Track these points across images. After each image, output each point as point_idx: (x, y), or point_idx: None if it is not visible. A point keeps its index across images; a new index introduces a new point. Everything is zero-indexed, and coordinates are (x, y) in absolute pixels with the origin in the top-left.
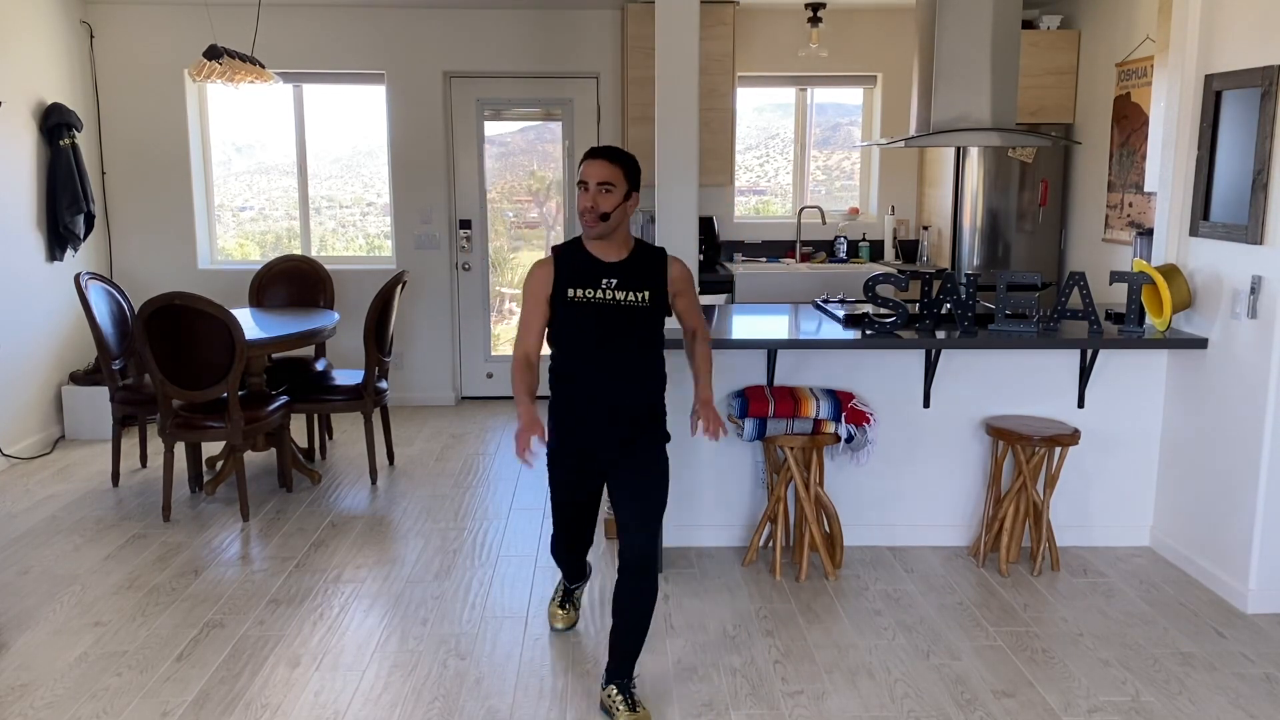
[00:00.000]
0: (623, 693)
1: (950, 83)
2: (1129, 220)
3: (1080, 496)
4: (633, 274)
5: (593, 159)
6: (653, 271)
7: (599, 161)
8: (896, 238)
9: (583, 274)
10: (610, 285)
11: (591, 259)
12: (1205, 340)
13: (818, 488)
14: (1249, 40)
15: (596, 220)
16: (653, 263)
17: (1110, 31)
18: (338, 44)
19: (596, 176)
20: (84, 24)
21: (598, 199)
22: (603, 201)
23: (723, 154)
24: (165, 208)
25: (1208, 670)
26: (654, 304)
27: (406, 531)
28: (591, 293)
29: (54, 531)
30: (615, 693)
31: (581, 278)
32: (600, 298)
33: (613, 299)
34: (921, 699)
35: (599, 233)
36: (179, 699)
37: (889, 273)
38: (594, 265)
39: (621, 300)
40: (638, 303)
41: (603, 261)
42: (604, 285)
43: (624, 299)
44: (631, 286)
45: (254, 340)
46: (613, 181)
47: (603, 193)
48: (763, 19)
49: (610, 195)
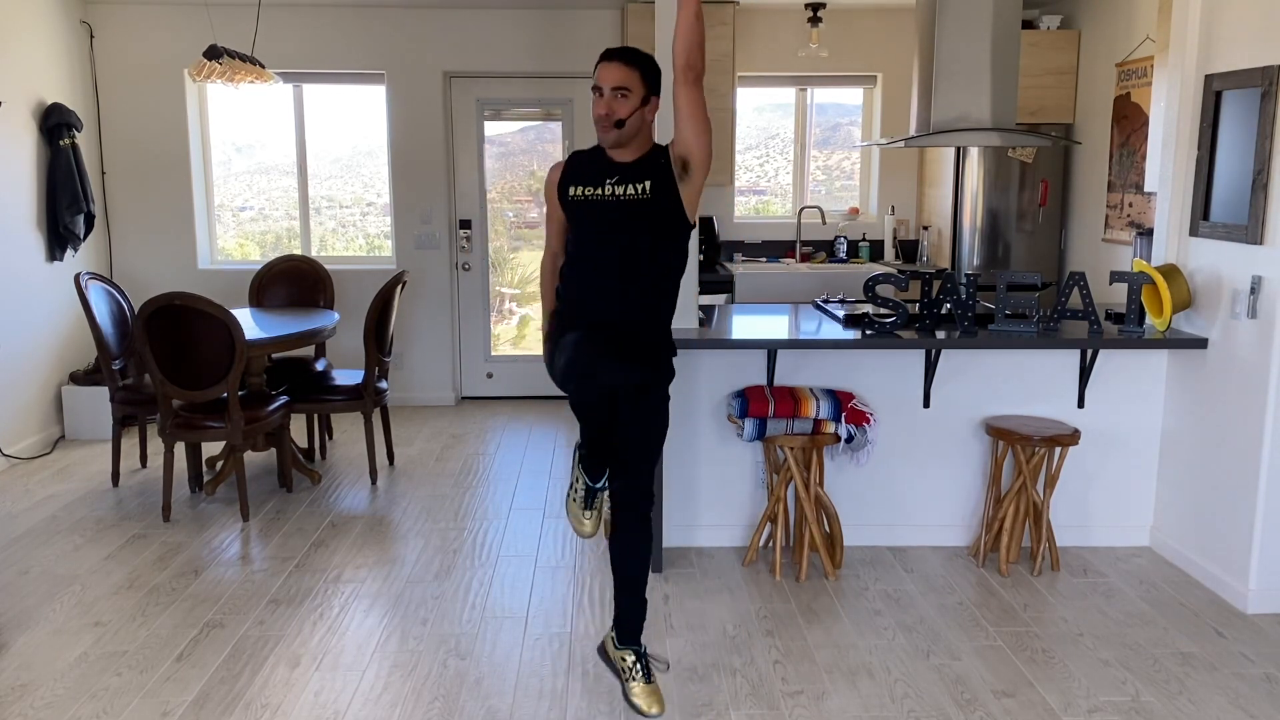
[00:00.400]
0: (640, 660)
1: (950, 83)
2: (1129, 220)
3: (1080, 496)
4: (638, 170)
5: (608, 61)
6: (657, 163)
7: (614, 64)
8: (896, 238)
9: (589, 173)
10: (612, 181)
11: (602, 158)
12: (1205, 340)
13: (818, 488)
14: (1249, 40)
15: (611, 127)
16: (659, 156)
17: (1110, 31)
18: (338, 44)
19: (611, 80)
20: (84, 24)
21: (613, 104)
22: (618, 107)
23: (723, 154)
24: (165, 208)
25: (1208, 670)
26: (655, 194)
27: (406, 531)
28: (592, 190)
29: (54, 531)
30: (633, 660)
31: (586, 177)
32: (599, 194)
33: (612, 194)
34: (921, 699)
35: (614, 140)
36: (179, 699)
37: (889, 273)
38: (602, 164)
39: (621, 195)
40: (637, 195)
41: (613, 161)
42: (607, 182)
43: (624, 193)
44: (632, 179)
45: (254, 340)
46: (629, 86)
47: (618, 98)
48: (763, 19)
49: (626, 100)
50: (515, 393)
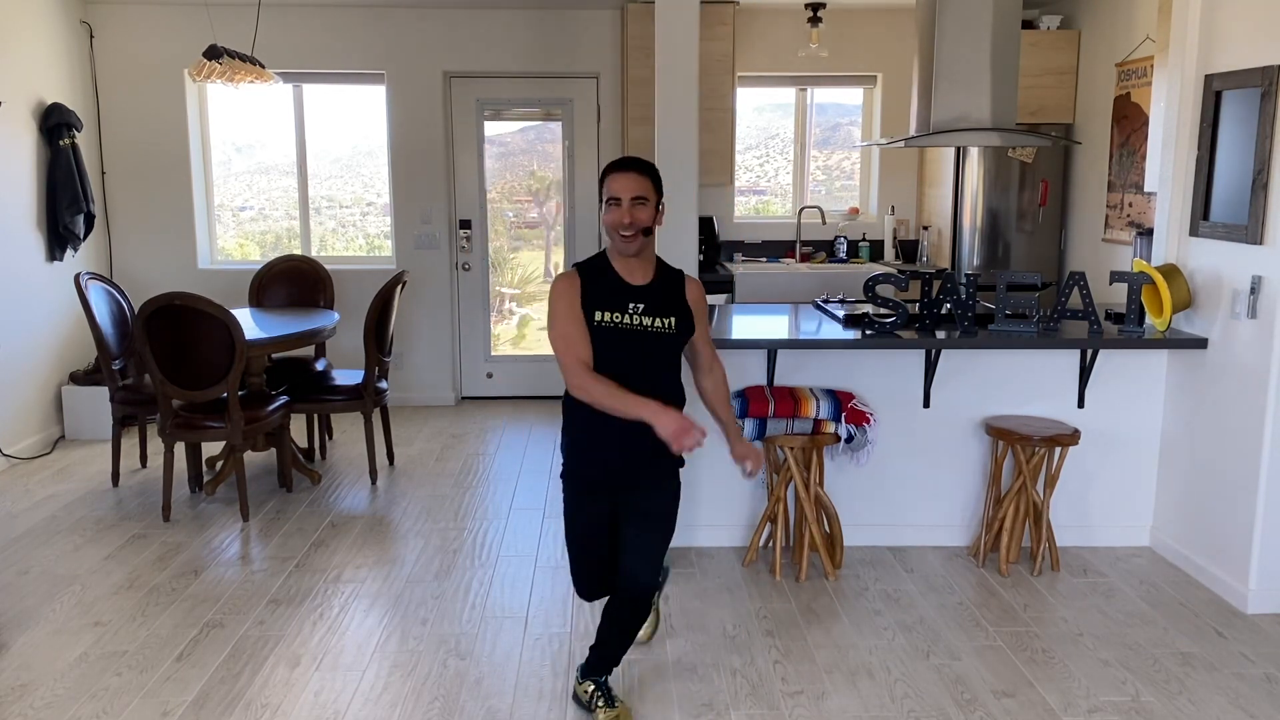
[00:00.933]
0: (601, 689)
1: (950, 83)
2: (1129, 220)
3: (1080, 496)
4: (658, 298)
5: (623, 171)
6: (676, 295)
7: (630, 174)
8: (896, 238)
9: (609, 296)
10: (637, 310)
11: (618, 280)
12: (1205, 340)
13: (818, 488)
14: (1249, 40)
15: (638, 236)
16: (675, 286)
17: (1110, 31)
18: (338, 44)
19: (631, 191)
20: (84, 24)
21: (635, 214)
22: (640, 216)
23: (723, 154)
24: (165, 208)
25: (1208, 670)
26: (678, 330)
27: (406, 531)
28: (620, 317)
29: (54, 531)
30: (593, 689)
31: (608, 300)
32: (628, 323)
33: (640, 325)
34: (921, 699)
35: (638, 249)
36: (179, 699)
37: (889, 273)
38: (621, 287)
39: (649, 326)
40: (665, 329)
41: (629, 284)
42: (631, 310)
43: (651, 325)
44: (658, 312)
45: (254, 340)
46: (646, 195)
47: (638, 207)
48: (763, 19)
49: (645, 208)
50: (515, 393)
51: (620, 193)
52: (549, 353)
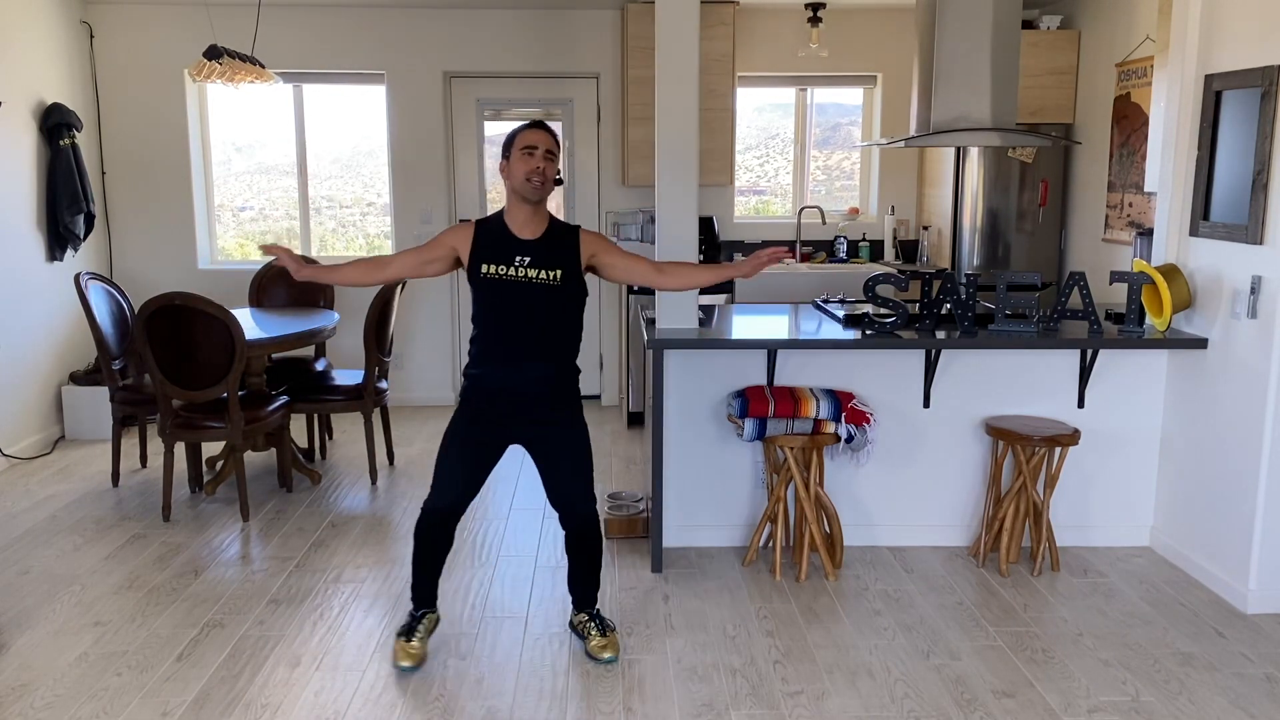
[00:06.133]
0: (594, 619)
1: (950, 83)
2: (1129, 220)
3: (1080, 496)
4: (546, 252)
5: (537, 129)
6: (565, 248)
7: (543, 132)
8: (896, 238)
9: (497, 250)
10: (523, 263)
11: (508, 234)
12: (1205, 340)
13: (818, 488)
14: (1249, 40)
15: (545, 184)
16: (565, 240)
17: (1110, 31)
18: (338, 44)
19: (545, 143)
20: (84, 24)
21: (545, 166)
22: (550, 169)
23: (723, 154)
24: (165, 208)
25: (1208, 670)
26: (564, 282)
27: (406, 531)
28: (505, 269)
29: (54, 531)
30: (587, 620)
31: (495, 253)
32: (512, 275)
33: (525, 277)
34: (921, 699)
35: (542, 195)
36: (179, 699)
37: (889, 273)
38: (509, 241)
39: (534, 278)
40: (550, 281)
41: (518, 238)
42: (518, 263)
43: (535, 277)
44: (544, 264)
45: (254, 340)
46: (554, 151)
47: (548, 161)
48: (763, 19)
49: (553, 164)
50: None
51: (537, 143)
52: None
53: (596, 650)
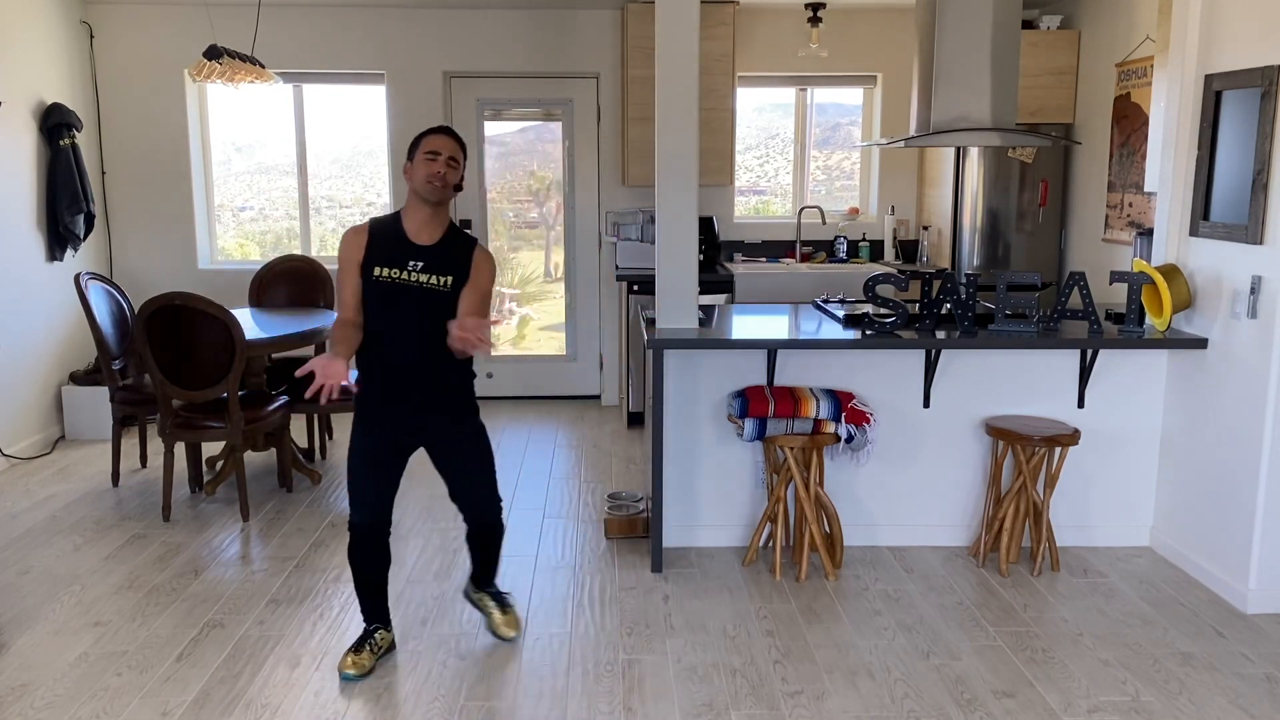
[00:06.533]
0: (494, 598)
1: (950, 83)
2: (1129, 220)
3: (1080, 496)
4: (439, 259)
5: (443, 134)
6: (460, 258)
7: (447, 137)
8: (896, 238)
9: (391, 253)
10: (416, 268)
11: (403, 239)
12: (1205, 340)
13: (818, 488)
14: (1249, 40)
15: (448, 187)
16: (461, 250)
17: (1110, 31)
18: (338, 44)
19: (450, 150)
20: (84, 24)
21: (448, 172)
22: (451, 175)
23: (723, 154)
24: (165, 208)
25: (1208, 670)
26: (454, 289)
27: (406, 531)
28: (397, 273)
29: (54, 531)
30: (487, 598)
31: (389, 257)
32: (404, 279)
33: (416, 281)
34: (921, 699)
35: (441, 199)
36: (179, 699)
37: (889, 273)
38: (404, 246)
39: (424, 283)
40: (440, 287)
41: (413, 243)
42: (410, 267)
43: (426, 281)
44: (436, 270)
45: (254, 340)
46: (458, 159)
47: (451, 167)
48: (763, 19)
49: (456, 170)
50: (515, 393)
51: (440, 149)
52: (550, 353)
53: (499, 627)
